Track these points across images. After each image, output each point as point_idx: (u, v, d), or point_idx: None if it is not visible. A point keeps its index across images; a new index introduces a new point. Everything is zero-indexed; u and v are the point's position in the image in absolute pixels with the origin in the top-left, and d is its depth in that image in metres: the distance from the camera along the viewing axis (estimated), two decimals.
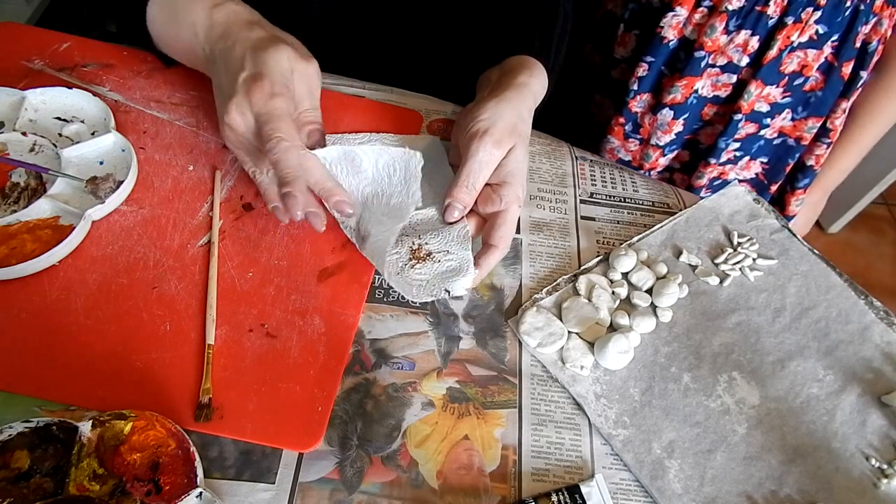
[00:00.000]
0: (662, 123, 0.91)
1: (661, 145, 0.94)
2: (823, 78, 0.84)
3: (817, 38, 0.80)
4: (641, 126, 0.94)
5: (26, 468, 0.45)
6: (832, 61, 0.83)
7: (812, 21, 0.79)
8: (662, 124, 0.91)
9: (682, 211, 0.70)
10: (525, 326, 0.58)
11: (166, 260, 0.57)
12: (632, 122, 0.95)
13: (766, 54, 0.81)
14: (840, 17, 0.78)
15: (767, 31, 0.80)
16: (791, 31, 0.79)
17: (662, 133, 0.92)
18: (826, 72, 0.84)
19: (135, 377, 0.51)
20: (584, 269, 0.64)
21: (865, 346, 0.61)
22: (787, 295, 0.64)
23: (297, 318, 0.56)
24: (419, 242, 0.59)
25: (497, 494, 0.51)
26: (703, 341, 0.60)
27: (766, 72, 0.82)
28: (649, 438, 0.54)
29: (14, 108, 0.63)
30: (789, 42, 0.80)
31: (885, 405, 0.58)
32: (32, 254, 0.54)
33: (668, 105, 0.89)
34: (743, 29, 0.80)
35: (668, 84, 0.88)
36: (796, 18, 0.78)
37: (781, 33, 0.79)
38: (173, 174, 0.63)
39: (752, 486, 0.53)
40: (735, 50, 0.82)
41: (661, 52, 0.86)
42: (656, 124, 0.91)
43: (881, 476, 0.54)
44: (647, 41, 0.87)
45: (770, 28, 0.80)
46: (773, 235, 0.68)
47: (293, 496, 0.48)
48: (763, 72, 0.82)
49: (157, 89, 0.68)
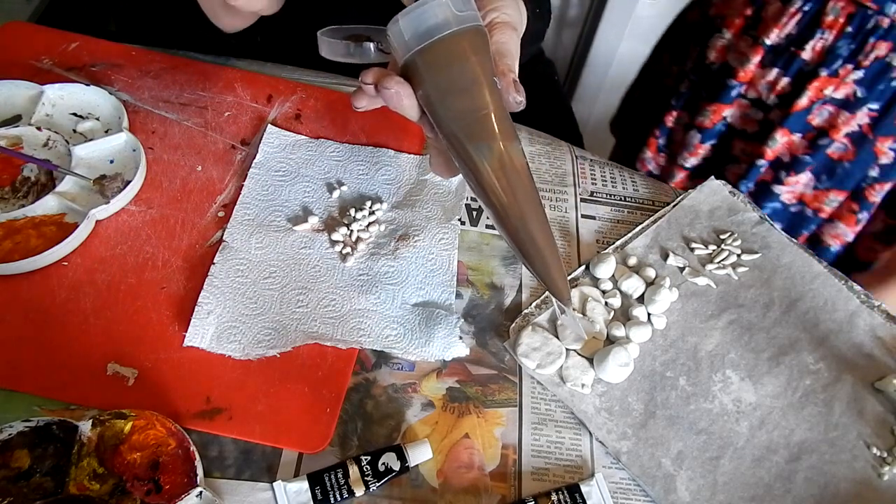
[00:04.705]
0: (689, 144, 0.86)
1: (687, 167, 0.89)
2: (854, 149, 0.75)
3: (854, 100, 0.72)
4: (673, 142, 0.90)
5: (26, 467, 0.42)
6: (867, 132, 0.74)
7: (850, 79, 0.71)
8: (689, 145, 0.86)
9: (662, 210, 0.66)
10: (522, 348, 0.54)
11: (175, 260, 0.54)
12: (665, 136, 0.91)
13: (797, 102, 0.74)
14: (883, 85, 0.70)
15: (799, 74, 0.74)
16: (825, 84, 0.72)
17: (689, 154, 0.88)
18: (857, 142, 0.75)
19: (142, 377, 0.48)
20: (569, 279, 0.60)
21: (854, 332, 0.59)
22: (773, 289, 0.61)
23: None
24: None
25: (497, 494, 0.48)
26: (699, 344, 0.57)
27: (794, 121, 0.76)
28: (657, 452, 0.51)
29: (32, 102, 0.60)
30: (822, 95, 0.73)
31: (878, 391, 0.56)
32: (35, 250, 0.51)
33: (698, 127, 0.84)
34: (775, 66, 0.75)
35: (701, 107, 0.83)
36: (831, 72, 0.71)
37: (814, 83, 0.72)
38: (182, 174, 0.60)
39: (762, 488, 0.50)
40: (764, 86, 0.77)
41: (702, 71, 0.82)
42: (684, 144, 0.87)
43: (882, 464, 0.52)
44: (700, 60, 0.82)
45: (803, 73, 0.74)
46: (753, 229, 0.65)
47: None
48: (790, 120, 0.76)
49: (165, 89, 0.65)
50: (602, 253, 0.61)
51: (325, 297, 0.54)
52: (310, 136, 0.65)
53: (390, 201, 0.62)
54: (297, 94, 0.68)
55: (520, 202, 0.37)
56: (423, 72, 0.37)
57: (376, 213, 0.60)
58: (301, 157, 0.63)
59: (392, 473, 0.46)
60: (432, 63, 0.36)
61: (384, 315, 0.54)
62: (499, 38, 0.40)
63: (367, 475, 0.45)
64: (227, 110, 0.65)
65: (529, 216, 0.38)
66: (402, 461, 0.46)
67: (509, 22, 0.41)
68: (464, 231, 0.62)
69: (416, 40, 0.36)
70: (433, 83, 0.37)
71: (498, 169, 0.37)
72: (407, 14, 0.35)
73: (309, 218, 0.58)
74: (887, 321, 0.60)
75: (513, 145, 0.37)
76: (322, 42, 0.44)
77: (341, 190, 0.61)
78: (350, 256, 0.56)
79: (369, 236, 0.58)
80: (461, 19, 0.36)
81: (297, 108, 0.67)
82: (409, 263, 0.57)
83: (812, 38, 0.71)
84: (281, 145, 0.63)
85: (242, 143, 0.63)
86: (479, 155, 0.37)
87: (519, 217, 0.38)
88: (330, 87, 0.70)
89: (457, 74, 0.36)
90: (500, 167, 0.37)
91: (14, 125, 0.58)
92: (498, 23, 0.40)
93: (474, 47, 0.36)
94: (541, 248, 0.38)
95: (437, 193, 0.63)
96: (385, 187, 0.62)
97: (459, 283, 0.58)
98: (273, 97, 0.67)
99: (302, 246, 0.57)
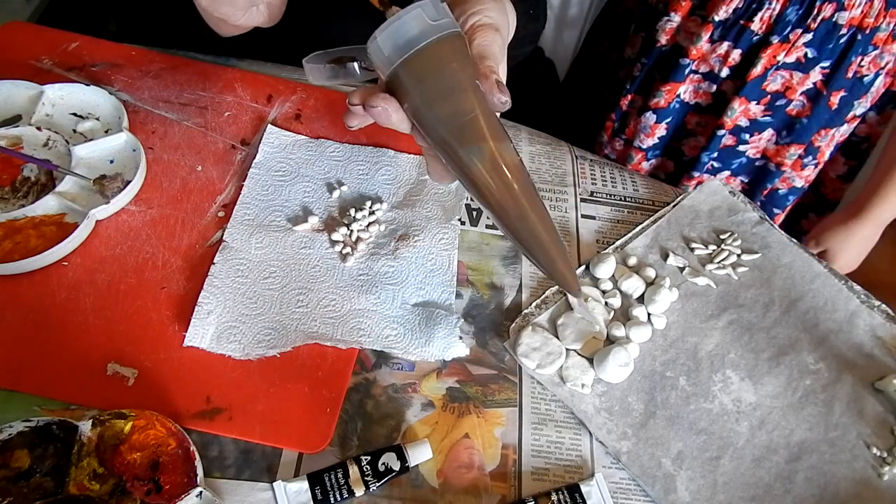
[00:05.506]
0: (645, 126, 0.88)
1: (644, 148, 0.91)
2: (810, 105, 0.79)
3: (805, 62, 0.76)
4: (627, 126, 0.91)
5: (26, 467, 0.42)
6: (821, 89, 0.78)
7: (800, 43, 0.74)
8: (645, 127, 0.88)
9: (662, 210, 0.66)
10: (522, 348, 0.54)
11: (175, 260, 0.54)
12: (620, 121, 0.92)
13: (751, 71, 0.77)
14: (832, 43, 0.74)
15: (751, 45, 0.76)
16: (777, 51, 0.75)
17: (645, 136, 0.89)
18: (813, 98, 0.79)
19: (142, 377, 0.48)
20: None
21: (854, 332, 0.59)
22: (773, 289, 0.61)
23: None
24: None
25: (497, 493, 0.48)
26: (699, 344, 0.57)
27: (750, 89, 0.78)
28: (657, 452, 0.51)
29: (32, 102, 0.60)
30: (775, 61, 0.76)
31: (878, 391, 0.56)
32: (35, 250, 0.51)
33: (652, 108, 0.86)
34: (726, 40, 0.77)
35: (655, 88, 0.85)
36: (782, 38, 0.74)
37: (767, 52, 0.75)
38: (182, 174, 0.60)
39: (762, 488, 0.50)
40: (716, 59, 0.79)
41: (653, 54, 0.83)
42: (640, 126, 0.89)
43: (882, 464, 0.52)
44: (649, 44, 0.84)
45: (754, 44, 0.76)
46: (753, 229, 0.65)
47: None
48: (747, 89, 0.78)
49: (165, 89, 0.65)
50: (602, 253, 0.61)
51: (325, 297, 0.54)
52: (310, 136, 0.64)
53: (390, 201, 0.61)
54: (297, 94, 0.68)
55: (517, 200, 0.37)
56: (407, 84, 0.37)
57: (376, 213, 0.60)
58: (301, 157, 0.63)
59: (392, 473, 0.46)
60: (414, 74, 0.36)
61: (384, 315, 0.54)
62: (480, 40, 0.40)
63: (367, 475, 0.45)
64: (227, 110, 0.65)
65: (528, 213, 0.38)
66: (402, 461, 0.46)
67: (491, 24, 0.41)
68: (464, 231, 0.61)
69: (397, 54, 0.36)
70: (418, 93, 0.37)
71: (491, 170, 0.37)
72: (384, 30, 0.36)
73: (309, 218, 0.58)
74: (887, 321, 0.60)
75: (503, 145, 0.37)
76: (308, 69, 0.45)
77: (341, 190, 0.61)
78: (350, 256, 0.56)
79: (369, 236, 0.58)
80: (438, 27, 0.36)
81: (297, 108, 0.67)
82: (409, 263, 0.57)
83: (761, 10, 0.74)
84: (281, 145, 0.63)
85: (242, 143, 0.63)
86: (470, 158, 0.37)
87: (518, 215, 0.38)
88: (330, 87, 0.70)
89: (439, 82, 0.36)
90: (492, 168, 0.37)
91: (14, 125, 0.58)
92: (479, 25, 0.40)
93: (454, 53, 0.37)
94: (543, 242, 0.38)
95: (437, 193, 0.62)
96: (385, 187, 0.62)
97: (459, 283, 0.58)
98: (273, 97, 0.67)
99: (302, 246, 0.57)
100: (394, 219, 0.60)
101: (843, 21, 0.72)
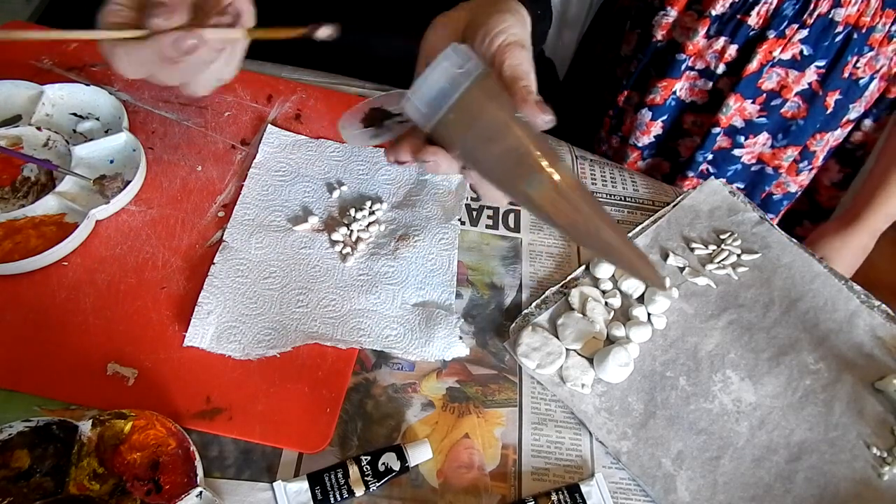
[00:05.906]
0: (641, 123, 0.87)
1: (640, 146, 0.90)
2: (806, 107, 0.79)
3: (801, 59, 0.75)
4: (624, 123, 0.91)
5: (26, 467, 0.42)
6: (816, 89, 0.77)
7: (796, 39, 0.73)
8: (641, 124, 0.87)
9: (662, 210, 0.66)
10: (522, 348, 0.53)
11: (175, 260, 0.54)
12: (617, 118, 0.92)
13: (747, 67, 0.76)
14: (828, 41, 0.73)
15: (747, 40, 0.76)
16: (773, 46, 0.74)
17: (641, 133, 0.88)
18: (809, 100, 0.78)
19: (142, 377, 0.48)
20: (570, 279, 0.59)
21: (854, 332, 0.59)
22: (774, 289, 0.61)
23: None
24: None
25: (497, 494, 0.47)
26: (699, 344, 0.57)
27: (745, 86, 0.78)
28: (657, 452, 0.51)
29: (32, 102, 0.60)
30: (771, 57, 0.75)
31: (878, 391, 0.56)
32: (35, 250, 0.51)
33: (648, 105, 0.85)
34: (722, 35, 0.77)
35: (651, 84, 0.84)
36: (779, 34, 0.73)
37: (762, 47, 0.74)
38: (182, 174, 0.60)
39: (762, 488, 0.50)
40: (712, 55, 0.78)
41: (649, 50, 0.83)
42: (636, 123, 0.88)
43: (882, 464, 0.52)
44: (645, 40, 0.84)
45: (750, 39, 0.75)
46: (753, 229, 0.65)
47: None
48: (742, 85, 0.78)
49: (165, 89, 0.65)
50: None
51: (325, 297, 0.54)
52: (310, 136, 0.64)
53: (390, 201, 0.61)
54: (297, 94, 0.67)
55: (585, 216, 0.38)
56: (451, 135, 0.37)
57: (376, 213, 0.60)
58: (301, 157, 0.63)
59: (392, 473, 0.46)
60: (455, 125, 0.37)
61: (384, 315, 0.54)
62: (511, 61, 0.40)
63: (367, 475, 0.45)
64: (227, 110, 0.65)
65: (598, 225, 0.38)
66: (402, 461, 0.46)
67: (517, 41, 0.41)
68: (464, 231, 0.61)
69: (433, 110, 0.36)
70: (463, 142, 0.37)
71: (554, 196, 0.37)
72: (416, 91, 0.36)
73: (309, 218, 0.58)
74: (887, 321, 0.60)
75: (559, 167, 0.38)
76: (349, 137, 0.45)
77: (341, 190, 0.61)
78: (350, 256, 0.56)
79: (369, 236, 0.58)
80: (466, 74, 0.36)
81: (297, 108, 0.66)
82: (409, 263, 0.57)
83: (758, 4, 0.73)
84: (281, 145, 0.63)
85: (242, 143, 0.63)
86: (532, 189, 0.37)
87: (588, 232, 0.38)
88: (330, 87, 0.70)
89: (482, 127, 0.37)
90: (555, 192, 0.37)
91: (14, 125, 0.58)
92: (507, 45, 0.40)
93: (487, 94, 0.37)
94: (618, 249, 0.38)
95: (437, 193, 0.62)
96: (385, 187, 0.62)
97: (459, 283, 0.58)
98: (273, 97, 0.67)
99: (302, 246, 0.57)
100: (394, 219, 0.60)
101: (840, 18, 0.71)
